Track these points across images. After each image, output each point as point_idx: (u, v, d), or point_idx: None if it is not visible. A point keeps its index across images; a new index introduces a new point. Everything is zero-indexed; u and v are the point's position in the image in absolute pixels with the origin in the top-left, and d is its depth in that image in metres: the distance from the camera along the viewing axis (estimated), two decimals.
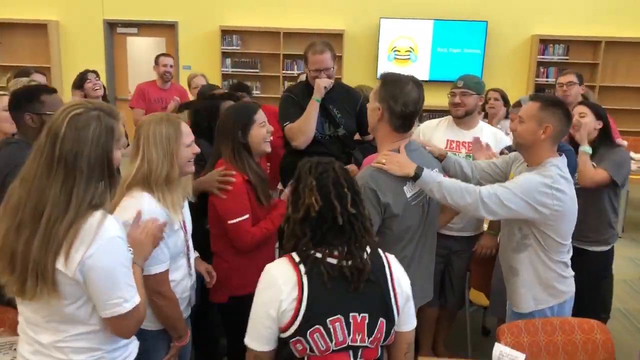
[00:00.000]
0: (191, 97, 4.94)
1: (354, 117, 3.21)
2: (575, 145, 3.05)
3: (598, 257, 3.08)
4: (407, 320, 1.72)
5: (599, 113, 3.09)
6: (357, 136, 3.34)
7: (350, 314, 1.58)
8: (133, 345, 1.75)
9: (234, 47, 7.93)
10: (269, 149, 2.56)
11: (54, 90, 2.54)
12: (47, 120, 2.27)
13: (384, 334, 1.63)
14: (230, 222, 2.40)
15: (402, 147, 2.24)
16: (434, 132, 3.16)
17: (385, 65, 7.78)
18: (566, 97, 3.88)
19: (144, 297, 1.66)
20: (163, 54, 5.50)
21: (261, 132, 2.50)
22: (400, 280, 1.68)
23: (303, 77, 5.46)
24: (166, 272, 1.99)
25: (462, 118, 3.09)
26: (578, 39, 7.65)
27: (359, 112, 3.23)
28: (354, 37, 7.70)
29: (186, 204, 2.19)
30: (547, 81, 7.82)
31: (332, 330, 1.56)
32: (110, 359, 1.64)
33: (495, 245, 3.15)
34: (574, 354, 2.26)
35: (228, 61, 7.97)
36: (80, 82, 4.61)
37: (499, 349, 1.97)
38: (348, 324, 1.58)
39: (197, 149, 2.09)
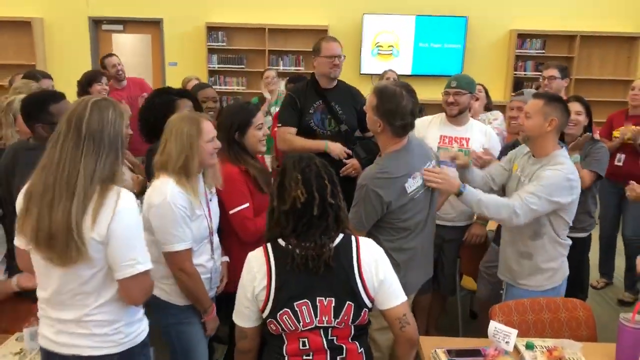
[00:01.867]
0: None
1: (356, 114, 3.37)
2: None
3: (576, 243, 3.18)
4: (388, 300, 1.83)
5: (589, 110, 3.26)
6: (357, 132, 3.50)
7: (317, 298, 1.76)
8: (145, 323, 1.90)
9: (220, 44, 8.01)
10: (263, 149, 2.73)
11: (61, 97, 2.64)
12: None
13: (351, 316, 1.78)
14: (231, 212, 2.54)
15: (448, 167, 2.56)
16: (428, 129, 3.33)
17: (369, 61, 7.95)
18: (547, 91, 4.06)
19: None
20: (105, 56, 5.26)
21: (257, 134, 2.65)
22: (370, 266, 1.80)
23: (270, 74, 5.63)
24: (188, 250, 2.22)
25: (455, 116, 3.26)
26: (554, 34, 7.89)
27: (361, 110, 3.39)
28: (338, 32, 7.81)
29: (215, 198, 2.43)
30: (525, 74, 8.06)
31: (299, 313, 1.75)
32: (127, 332, 1.79)
33: (485, 233, 3.35)
34: (560, 331, 2.46)
35: (214, 57, 8.05)
36: (87, 85, 4.30)
37: (493, 325, 2.15)
38: (315, 307, 1.76)
39: (218, 144, 2.33)
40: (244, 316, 1.83)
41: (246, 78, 8.20)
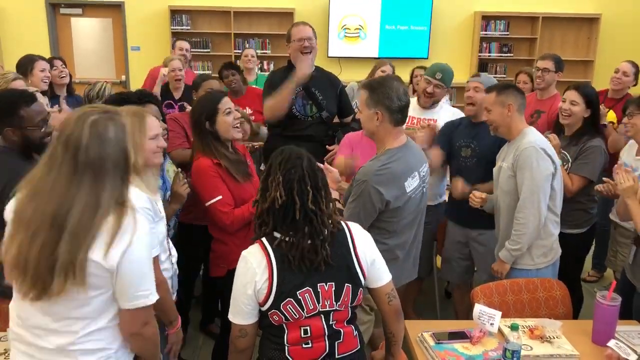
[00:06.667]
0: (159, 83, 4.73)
1: (335, 100, 3.39)
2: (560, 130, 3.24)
3: (572, 238, 3.11)
4: (378, 278, 1.91)
5: (591, 101, 3.11)
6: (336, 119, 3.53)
7: (318, 284, 1.80)
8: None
9: (184, 27, 7.84)
10: (237, 135, 2.66)
11: (32, 98, 2.48)
12: (29, 133, 2.32)
13: (350, 297, 1.84)
14: (206, 204, 2.54)
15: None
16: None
17: (336, 43, 7.92)
18: (539, 84, 4.05)
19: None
20: (180, 39, 5.64)
21: (226, 120, 2.59)
22: (363, 248, 1.87)
23: (249, 56, 5.59)
24: (156, 257, 2.01)
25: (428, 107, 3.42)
26: (517, 15, 8.01)
27: (339, 96, 3.43)
28: (304, 15, 7.74)
29: (159, 197, 2.22)
30: (489, 56, 8.17)
31: (302, 300, 1.78)
32: (116, 358, 1.67)
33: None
34: (538, 310, 2.55)
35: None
36: (25, 69, 3.92)
37: (478, 308, 2.21)
38: (317, 293, 1.79)
39: (163, 143, 2.17)
40: (244, 314, 1.82)
41: (212, 62, 8.06)
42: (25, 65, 3.94)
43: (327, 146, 3.29)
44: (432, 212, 3.39)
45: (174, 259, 2.31)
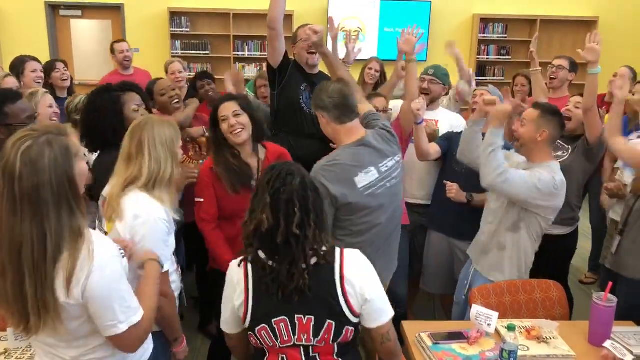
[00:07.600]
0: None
1: None
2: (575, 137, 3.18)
3: (559, 240, 3.11)
4: (375, 318, 1.77)
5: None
6: None
7: (296, 316, 1.70)
8: (148, 344, 1.78)
9: (183, 29, 7.86)
10: (237, 140, 2.63)
11: (17, 96, 2.49)
12: (15, 130, 2.26)
13: (333, 334, 1.71)
14: (195, 199, 2.63)
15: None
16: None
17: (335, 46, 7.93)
18: (552, 82, 4.07)
19: (153, 307, 1.69)
20: (116, 41, 5.41)
21: (223, 127, 2.63)
22: (355, 285, 1.71)
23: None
24: (168, 271, 1.99)
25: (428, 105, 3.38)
26: (516, 18, 8.05)
27: None
28: (304, 18, 7.76)
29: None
30: (487, 59, 8.20)
31: (277, 330, 1.71)
32: (132, 356, 1.70)
33: None
34: (535, 310, 2.56)
35: (178, 43, 7.90)
36: (17, 71, 3.94)
37: (475, 309, 2.23)
38: (293, 325, 1.70)
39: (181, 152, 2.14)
40: (228, 324, 1.84)
41: (211, 64, 8.08)
42: (17, 67, 3.98)
43: (330, 144, 3.33)
44: (427, 214, 3.41)
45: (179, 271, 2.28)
